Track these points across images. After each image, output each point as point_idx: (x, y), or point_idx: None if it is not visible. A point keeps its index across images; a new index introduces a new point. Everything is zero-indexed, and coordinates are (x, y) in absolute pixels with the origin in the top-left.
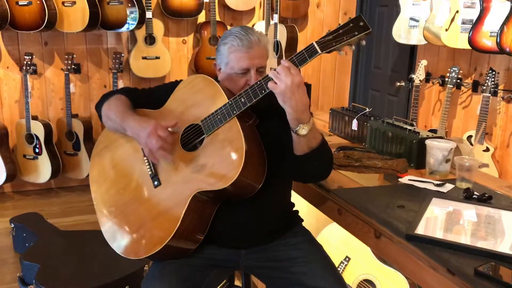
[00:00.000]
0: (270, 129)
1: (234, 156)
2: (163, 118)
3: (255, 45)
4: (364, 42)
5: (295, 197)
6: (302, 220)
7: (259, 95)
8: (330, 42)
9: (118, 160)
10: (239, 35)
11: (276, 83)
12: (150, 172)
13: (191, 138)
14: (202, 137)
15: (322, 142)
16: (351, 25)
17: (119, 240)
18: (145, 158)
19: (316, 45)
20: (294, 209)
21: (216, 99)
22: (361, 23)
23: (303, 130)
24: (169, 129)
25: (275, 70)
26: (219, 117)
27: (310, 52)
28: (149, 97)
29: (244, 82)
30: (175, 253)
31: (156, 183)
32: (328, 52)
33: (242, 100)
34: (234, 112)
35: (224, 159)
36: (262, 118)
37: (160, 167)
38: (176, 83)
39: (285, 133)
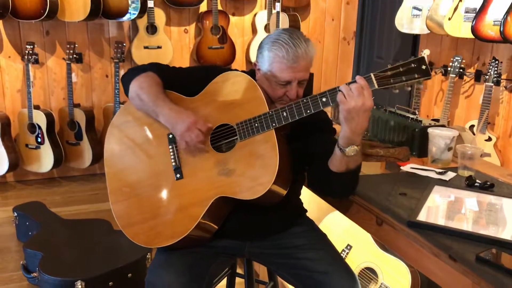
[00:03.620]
0: (301, 135)
1: (265, 171)
2: (196, 109)
3: (301, 59)
4: (422, 86)
5: None
6: (306, 211)
7: (303, 114)
8: (387, 79)
9: (140, 140)
10: (286, 46)
11: (345, 98)
12: (173, 163)
13: (222, 137)
14: (233, 139)
15: (360, 165)
16: (412, 65)
17: (129, 223)
18: (170, 147)
19: (373, 78)
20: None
21: (256, 105)
22: (423, 66)
23: (351, 151)
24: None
25: (349, 85)
26: (256, 125)
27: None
28: (181, 80)
29: (283, 93)
30: (185, 246)
31: (178, 176)
32: (384, 89)
33: (284, 114)
34: (274, 124)
35: (255, 171)
36: (295, 123)
37: (185, 161)
38: (212, 69)
39: (317, 142)
